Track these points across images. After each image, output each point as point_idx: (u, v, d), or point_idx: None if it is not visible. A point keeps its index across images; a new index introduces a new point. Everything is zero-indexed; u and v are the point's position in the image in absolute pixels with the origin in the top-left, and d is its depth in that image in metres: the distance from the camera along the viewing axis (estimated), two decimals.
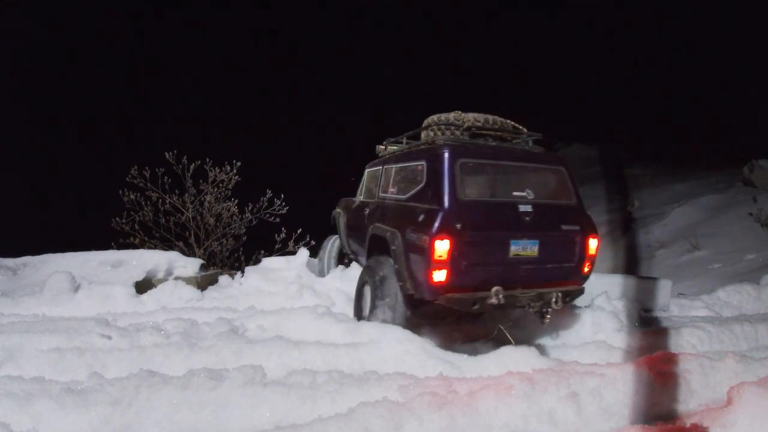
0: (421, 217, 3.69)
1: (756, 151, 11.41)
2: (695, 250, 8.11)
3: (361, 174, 5.86)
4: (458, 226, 3.48)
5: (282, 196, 8.24)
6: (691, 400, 2.78)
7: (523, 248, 3.71)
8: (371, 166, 5.52)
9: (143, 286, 5.21)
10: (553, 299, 3.71)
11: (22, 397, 2.42)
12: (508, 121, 4.53)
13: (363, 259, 4.89)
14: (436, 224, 3.47)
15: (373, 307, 4.04)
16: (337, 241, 6.42)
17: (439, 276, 3.48)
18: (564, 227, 3.86)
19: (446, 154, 3.71)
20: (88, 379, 2.65)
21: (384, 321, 3.92)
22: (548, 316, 3.78)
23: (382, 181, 4.91)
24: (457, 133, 4.26)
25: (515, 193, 3.84)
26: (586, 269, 3.99)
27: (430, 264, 3.45)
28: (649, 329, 4.41)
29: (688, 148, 17.52)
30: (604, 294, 4.92)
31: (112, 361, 3.05)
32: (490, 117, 4.43)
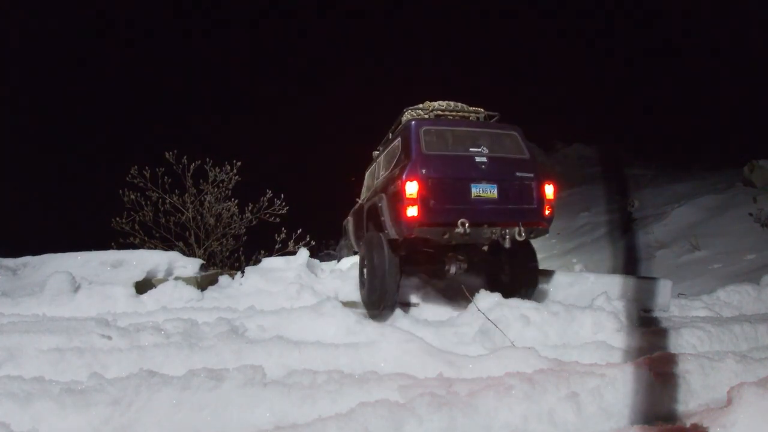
0: (397, 172, 4.65)
1: (756, 151, 11.41)
2: (695, 250, 8.10)
3: (361, 177, 6.36)
4: (423, 171, 4.39)
5: (282, 196, 8.25)
6: (691, 401, 2.77)
7: (483, 191, 4.53)
8: (369, 168, 6.28)
9: (143, 286, 5.20)
10: (516, 232, 4.49)
11: (22, 397, 2.41)
12: (470, 107, 5.49)
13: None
14: (406, 171, 4.41)
15: (370, 283, 4.83)
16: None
17: (412, 211, 4.30)
18: (518, 174, 4.69)
19: (412, 124, 4.74)
20: (88, 379, 2.65)
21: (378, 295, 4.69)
22: (507, 237, 4.50)
23: (376, 171, 5.86)
24: (425, 116, 5.20)
25: (472, 149, 4.70)
26: (547, 212, 4.74)
27: (404, 202, 4.31)
28: (649, 329, 4.40)
29: (688, 148, 17.52)
30: (604, 294, 4.91)
31: (112, 361, 3.05)
32: (452, 102, 5.41)
